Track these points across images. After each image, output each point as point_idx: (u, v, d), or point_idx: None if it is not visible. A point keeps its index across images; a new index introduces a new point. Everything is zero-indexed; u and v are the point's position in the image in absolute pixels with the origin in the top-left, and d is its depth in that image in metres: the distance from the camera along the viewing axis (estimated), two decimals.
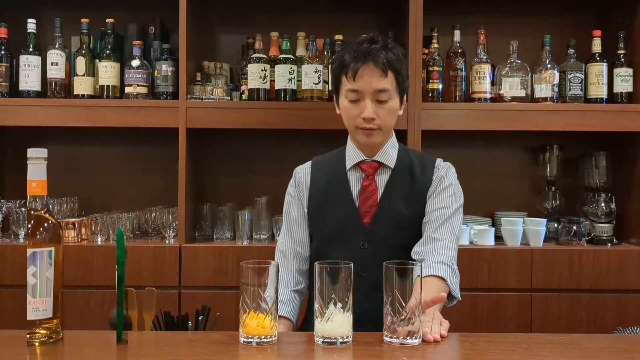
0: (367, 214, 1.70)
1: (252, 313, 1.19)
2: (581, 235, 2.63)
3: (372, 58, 1.62)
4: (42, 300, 1.19)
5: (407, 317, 1.20)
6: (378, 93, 1.62)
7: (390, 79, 1.63)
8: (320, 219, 1.75)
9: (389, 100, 1.64)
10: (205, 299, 2.39)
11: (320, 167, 1.81)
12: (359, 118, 1.65)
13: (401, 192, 1.71)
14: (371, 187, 1.72)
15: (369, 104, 1.63)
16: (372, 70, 1.61)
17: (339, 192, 1.74)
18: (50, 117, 2.61)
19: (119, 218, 2.60)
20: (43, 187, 1.22)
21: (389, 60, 1.63)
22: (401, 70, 1.66)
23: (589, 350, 1.22)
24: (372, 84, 1.62)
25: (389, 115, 1.66)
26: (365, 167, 1.74)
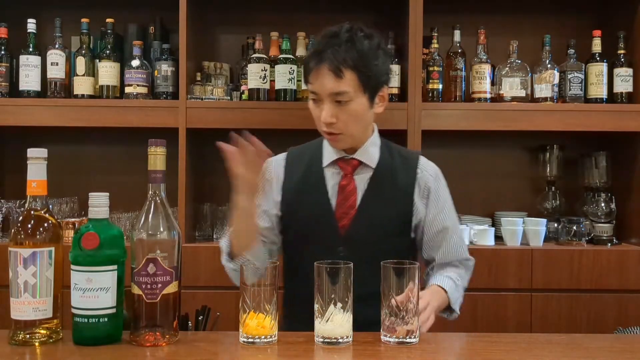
0: (344, 216, 1.58)
1: (252, 313, 1.19)
2: (581, 235, 2.63)
3: (327, 58, 1.47)
4: (42, 300, 1.19)
5: (405, 317, 1.20)
6: (335, 95, 1.49)
7: (348, 80, 1.47)
8: (292, 217, 1.63)
9: (349, 102, 1.49)
10: (205, 299, 2.39)
11: (295, 160, 1.68)
12: (320, 121, 1.53)
13: (383, 194, 1.60)
14: (350, 187, 1.60)
15: (326, 107, 1.50)
16: (327, 72, 1.48)
17: (314, 191, 1.62)
18: (50, 117, 2.61)
19: (119, 218, 2.61)
20: (43, 187, 1.22)
21: (348, 59, 1.47)
22: (366, 68, 1.49)
23: (589, 350, 1.22)
24: (327, 87, 1.48)
25: (351, 119, 1.52)
26: (343, 165, 1.62)
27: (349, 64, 1.47)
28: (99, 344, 1.18)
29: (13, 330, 1.19)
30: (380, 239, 1.57)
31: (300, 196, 1.62)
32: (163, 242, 1.20)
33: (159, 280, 1.18)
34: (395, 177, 1.62)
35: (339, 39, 1.49)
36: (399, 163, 1.65)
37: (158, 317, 1.19)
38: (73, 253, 1.19)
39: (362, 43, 1.49)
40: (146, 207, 1.23)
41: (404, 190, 1.62)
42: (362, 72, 1.48)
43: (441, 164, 2.91)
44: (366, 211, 1.58)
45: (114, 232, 1.22)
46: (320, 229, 1.58)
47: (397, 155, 1.66)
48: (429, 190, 1.64)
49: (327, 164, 1.62)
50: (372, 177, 1.61)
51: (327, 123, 1.51)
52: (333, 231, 1.58)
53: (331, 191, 1.61)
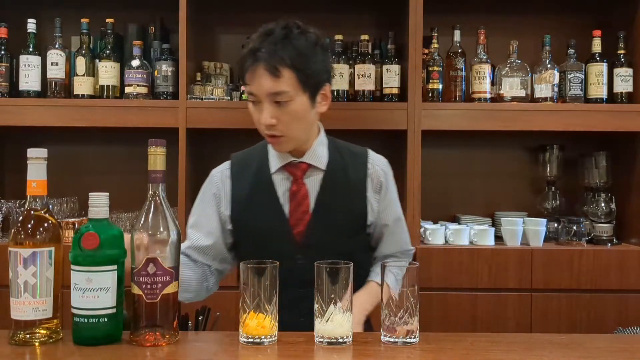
0: (298, 222, 1.53)
1: (252, 313, 1.19)
2: (581, 235, 2.63)
3: (262, 57, 1.41)
4: (42, 300, 1.18)
5: (404, 317, 1.20)
6: (274, 96, 1.42)
7: (287, 78, 1.41)
8: (245, 229, 1.58)
9: (289, 102, 1.43)
10: (205, 299, 2.39)
11: (241, 168, 1.61)
12: (260, 123, 1.47)
13: (336, 195, 1.55)
14: (301, 192, 1.54)
15: (266, 108, 1.43)
16: (263, 72, 1.41)
17: (265, 199, 1.55)
18: (50, 117, 2.61)
19: (119, 218, 2.61)
20: (43, 187, 1.22)
21: (285, 57, 1.40)
22: (305, 66, 1.42)
23: (589, 350, 1.22)
24: (264, 87, 1.42)
25: (293, 119, 1.45)
26: (292, 169, 1.55)
27: (286, 63, 1.41)
28: (99, 344, 1.18)
29: (13, 330, 1.19)
30: (338, 241, 1.52)
31: (250, 207, 1.56)
32: (163, 242, 1.20)
33: (159, 280, 1.18)
34: (346, 175, 1.57)
35: (274, 36, 1.43)
36: (349, 161, 1.60)
37: (158, 317, 1.19)
38: (73, 253, 1.19)
39: (298, 40, 1.44)
40: (146, 207, 1.23)
41: (357, 189, 1.58)
42: (301, 71, 1.42)
43: (441, 164, 2.96)
44: (321, 215, 1.54)
45: (114, 232, 1.22)
46: (276, 239, 1.53)
47: (346, 153, 1.61)
48: (380, 184, 1.60)
49: (275, 171, 1.56)
50: (323, 178, 1.56)
51: (267, 125, 1.45)
52: (289, 239, 1.53)
53: (282, 198, 1.55)
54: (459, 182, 2.99)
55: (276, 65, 1.40)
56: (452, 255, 2.55)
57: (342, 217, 1.55)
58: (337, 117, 2.59)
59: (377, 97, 2.72)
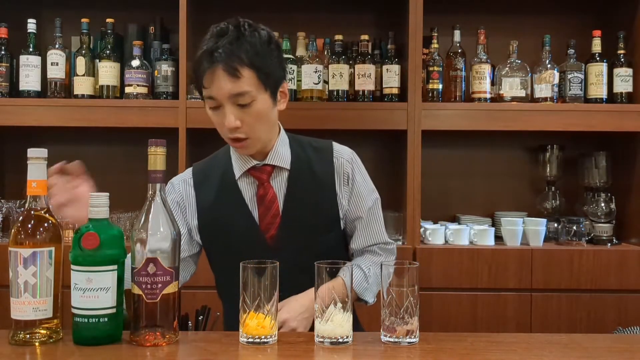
0: (270, 227, 1.50)
1: (252, 313, 1.19)
2: (581, 235, 2.63)
3: (220, 58, 1.36)
4: (42, 300, 1.18)
5: (404, 317, 1.20)
6: (235, 97, 1.38)
7: (247, 78, 1.37)
8: (215, 239, 1.55)
9: (252, 102, 1.39)
10: (205, 299, 2.38)
11: (204, 177, 1.56)
12: (223, 127, 1.41)
13: (305, 193, 1.52)
14: (269, 195, 1.50)
15: (229, 111, 1.38)
16: (222, 73, 1.36)
17: (232, 207, 1.52)
18: (50, 117, 2.61)
19: (119, 218, 2.60)
20: (43, 187, 1.22)
21: (242, 55, 1.36)
22: (263, 64, 1.39)
23: (589, 350, 1.22)
24: (225, 89, 1.37)
25: (256, 120, 1.41)
26: (257, 173, 1.52)
27: (244, 62, 1.36)
28: (99, 344, 1.18)
29: (13, 330, 1.19)
30: (311, 240, 1.50)
31: (218, 215, 1.52)
32: (163, 242, 1.20)
33: (159, 280, 1.18)
34: (312, 172, 1.54)
35: (228, 36, 1.39)
36: (314, 156, 1.56)
37: (158, 317, 1.19)
38: (73, 253, 1.19)
39: (253, 38, 1.40)
40: (146, 207, 1.23)
41: (324, 184, 1.54)
42: (260, 69, 1.38)
43: (441, 164, 2.96)
44: (292, 216, 1.50)
45: (114, 232, 1.22)
46: (248, 246, 1.49)
47: (309, 149, 1.58)
48: (347, 176, 1.56)
49: (239, 176, 1.53)
50: (289, 178, 1.52)
51: (231, 128, 1.39)
52: (261, 245, 1.49)
53: (250, 204, 1.52)
54: (459, 182, 2.99)
55: (235, 66, 1.36)
56: (452, 255, 2.55)
57: (313, 215, 1.52)
58: (337, 117, 2.60)
59: (377, 97, 2.72)
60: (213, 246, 1.58)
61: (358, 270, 1.54)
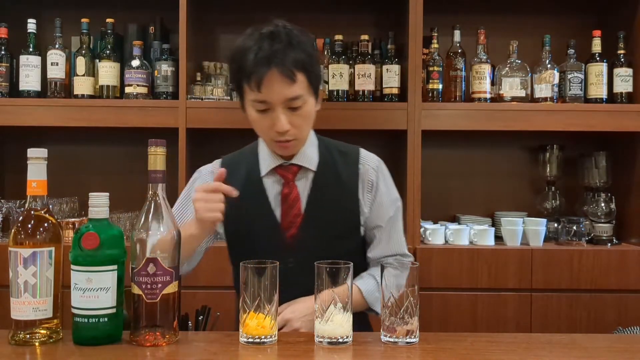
0: (291, 226, 1.51)
1: (252, 313, 1.19)
2: (581, 235, 2.63)
3: (277, 62, 1.35)
4: (42, 300, 1.19)
5: (404, 317, 1.20)
6: (290, 101, 1.38)
7: (300, 82, 1.38)
8: (236, 232, 1.56)
9: (303, 105, 1.40)
10: (205, 299, 2.39)
11: (231, 170, 1.54)
12: (271, 131, 1.42)
13: (328, 196, 1.52)
14: (293, 194, 1.51)
15: (281, 115, 1.39)
16: (279, 78, 1.36)
17: (256, 203, 1.52)
18: (50, 117, 2.61)
19: (119, 218, 2.61)
20: (43, 187, 1.22)
21: (297, 60, 1.37)
22: (312, 68, 1.41)
23: (589, 350, 1.22)
24: (282, 93, 1.37)
25: (305, 122, 1.44)
26: (283, 172, 1.53)
27: (299, 66, 1.37)
28: (99, 344, 1.18)
29: (13, 330, 1.19)
30: (330, 243, 1.50)
31: (241, 210, 1.52)
32: (163, 242, 1.20)
33: (159, 280, 1.18)
34: (337, 176, 1.55)
35: (281, 40, 1.38)
36: (340, 160, 1.57)
37: (158, 317, 1.19)
38: (73, 253, 1.19)
39: (302, 42, 1.41)
40: (146, 207, 1.23)
41: (348, 189, 1.55)
42: (311, 72, 1.40)
43: (441, 164, 2.96)
44: (313, 217, 1.51)
45: (114, 232, 1.22)
46: (267, 242, 1.50)
47: (336, 153, 1.58)
48: (372, 184, 1.57)
49: (265, 173, 1.54)
50: (314, 180, 1.53)
51: (283, 132, 1.41)
52: (281, 243, 1.50)
53: (274, 202, 1.53)
54: (459, 182, 2.98)
55: (292, 70, 1.36)
56: (452, 255, 2.55)
57: (334, 218, 1.53)
58: (337, 117, 2.59)
59: (377, 97, 2.72)
60: (234, 239, 1.58)
61: (371, 280, 1.54)
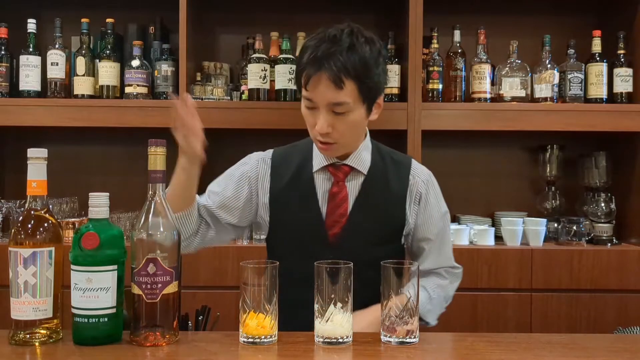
0: (335, 224, 1.51)
1: (252, 313, 1.19)
2: (581, 235, 2.63)
3: (327, 66, 1.36)
4: (42, 300, 1.19)
5: (404, 317, 1.20)
6: (334, 106, 1.39)
7: (349, 90, 1.38)
8: (280, 223, 1.56)
9: (348, 112, 1.40)
10: (205, 299, 2.39)
11: (283, 162, 1.58)
12: (314, 129, 1.44)
13: (375, 201, 1.53)
14: (342, 194, 1.52)
15: (323, 117, 1.40)
16: (326, 81, 1.36)
17: (304, 197, 1.53)
18: (50, 117, 2.61)
19: (119, 218, 2.61)
20: (43, 187, 1.22)
21: (349, 67, 1.36)
22: (367, 77, 1.39)
23: (589, 350, 1.22)
24: (326, 97, 1.38)
25: (349, 129, 1.44)
26: (334, 171, 1.53)
27: (350, 74, 1.37)
28: (99, 344, 1.18)
29: (13, 330, 1.19)
30: (370, 247, 1.50)
31: (289, 202, 1.54)
32: (163, 242, 1.20)
33: (159, 280, 1.18)
34: (387, 183, 1.56)
35: (340, 44, 1.37)
36: (391, 168, 1.58)
37: (158, 317, 1.19)
38: (73, 253, 1.19)
39: (364, 50, 1.40)
40: (146, 207, 1.23)
41: (396, 198, 1.56)
42: (363, 82, 1.39)
43: (441, 164, 2.95)
44: (357, 219, 1.52)
45: (114, 232, 1.22)
46: (310, 238, 1.51)
47: (388, 160, 1.60)
48: (420, 196, 1.58)
49: (317, 169, 1.55)
50: (363, 183, 1.54)
51: (322, 133, 1.42)
52: (323, 239, 1.51)
53: (321, 199, 1.54)
54: (459, 182, 2.98)
55: (341, 76, 1.36)
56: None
57: (379, 223, 1.54)
58: None
59: None
60: (277, 228, 1.58)
61: (423, 292, 1.54)
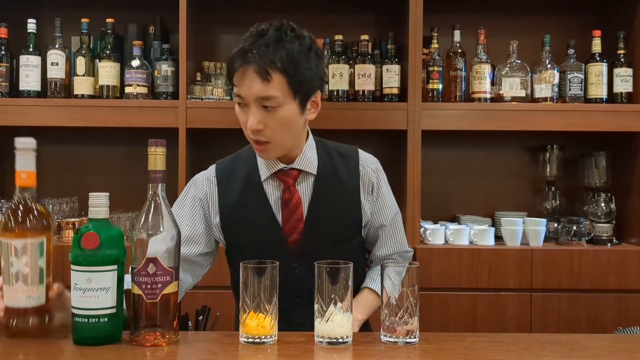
0: (293, 231, 1.49)
1: (252, 313, 1.19)
2: (581, 235, 2.63)
3: (253, 59, 1.34)
4: (35, 288, 1.20)
5: (404, 317, 1.20)
6: (262, 100, 1.36)
7: (277, 83, 1.35)
8: (236, 240, 1.53)
9: (278, 108, 1.37)
10: (205, 299, 2.39)
11: (228, 176, 1.54)
12: (247, 128, 1.41)
13: (330, 200, 1.51)
14: (294, 199, 1.49)
15: (253, 113, 1.38)
16: (252, 74, 1.34)
17: (256, 208, 1.50)
18: (50, 117, 2.61)
19: (119, 218, 2.61)
20: (32, 179, 1.23)
21: (276, 60, 1.34)
22: (297, 71, 1.36)
23: (589, 350, 1.22)
24: (253, 90, 1.35)
25: (280, 126, 1.39)
26: (283, 177, 1.50)
27: (277, 67, 1.34)
28: (99, 344, 1.18)
29: (6, 318, 1.20)
30: (333, 246, 1.47)
31: (241, 217, 1.51)
32: (163, 242, 1.20)
33: (159, 280, 1.18)
34: (339, 179, 1.54)
35: (266, 38, 1.36)
36: (339, 163, 1.56)
37: (158, 317, 1.19)
38: (73, 253, 1.19)
39: (292, 43, 1.37)
40: (146, 207, 1.23)
41: (349, 192, 1.54)
42: (292, 76, 1.36)
43: (441, 164, 2.96)
44: (315, 221, 1.50)
45: (114, 232, 1.22)
46: (270, 249, 1.42)
47: (335, 155, 1.57)
48: (372, 185, 1.57)
49: (265, 178, 1.52)
50: (314, 183, 1.51)
51: (253, 130, 1.39)
52: (284, 249, 1.49)
53: (275, 206, 1.51)
54: (459, 182, 2.99)
55: (267, 69, 1.33)
56: (452, 255, 2.55)
57: (337, 222, 1.52)
58: (337, 117, 2.59)
59: (377, 97, 2.72)
60: (234, 245, 1.55)
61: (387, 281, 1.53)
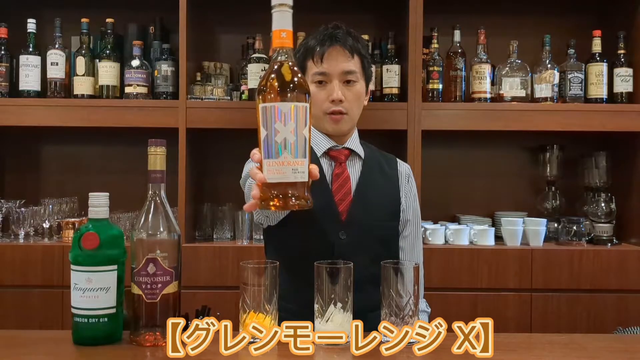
0: (341, 202, 1.63)
1: (252, 313, 1.19)
2: (581, 235, 2.63)
3: (339, 41, 1.62)
4: (301, 160, 1.03)
5: (404, 317, 1.20)
6: (346, 74, 1.61)
7: (356, 61, 1.63)
8: None
9: (356, 83, 1.63)
10: (205, 299, 2.39)
11: None
12: (326, 102, 1.61)
13: (375, 183, 1.68)
14: (344, 175, 1.65)
15: (337, 85, 1.61)
16: (339, 52, 1.61)
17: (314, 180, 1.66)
18: (50, 117, 2.61)
19: (119, 218, 2.61)
20: (290, 39, 1.07)
21: (354, 44, 1.64)
22: (366, 57, 1.67)
23: (589, 350, 1.22)
24: (340, 65, 1.61)
25: (355, 99, 1.64)
26: (336, 154, 1.67)
27: (356, 48, 1.63)
28: (99, 344, 1.18)
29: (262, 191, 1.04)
30: (376, 223, 1.64)
31: None
32: (163, 242, 1.20)
33: (159, 280, 1.18)
34: (381, 167, 1.72)
35: (341, 29, 1.64)
36: (380, 156, 1.76)
37: (158, 317, 1.19)
38: (73, 253, 1.19)
39: (359, 37, 1.68)
40: (146, 207, 1.23)
41: (390, 179, 1.72)
42: (365, 59, 1.65)
43: (441, 164, 2.96)
44: (362, 197, 1.64)
45: (114, 232, 1.22)
46: (322, 216, 1.57)
47: (377, 153, 1.77)
48: (407, 178, 1.76)
49: (320, 154, 1.67)
50: (363, 166, 1.69)
51: (336, 100, 1.59)
52: (334, 217, 1.61)
53: (328, 179, 1.66)
54: (459, 182, 2.99)
55: (352, 45, 1.62)
56: (452, 255, 2.55)
57: (380, 201, 1.66)
58: None
59: (377, 97, 2.72)
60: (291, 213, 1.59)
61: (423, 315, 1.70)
